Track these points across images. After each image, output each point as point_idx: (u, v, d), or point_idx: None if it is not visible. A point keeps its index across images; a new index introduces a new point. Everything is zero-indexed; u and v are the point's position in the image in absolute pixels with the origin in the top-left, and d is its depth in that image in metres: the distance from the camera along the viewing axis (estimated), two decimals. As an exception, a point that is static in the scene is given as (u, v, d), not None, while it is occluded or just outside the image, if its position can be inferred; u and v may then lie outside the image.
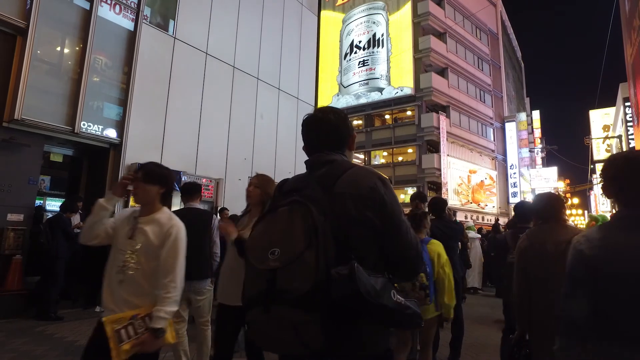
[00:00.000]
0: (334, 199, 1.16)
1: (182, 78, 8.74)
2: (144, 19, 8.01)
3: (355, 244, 1.13)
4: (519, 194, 29.75)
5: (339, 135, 1.33)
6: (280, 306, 1.05)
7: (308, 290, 1.02)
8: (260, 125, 10.75)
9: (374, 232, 1.16)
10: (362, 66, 27.19)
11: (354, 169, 1.24)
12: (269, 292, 1.07)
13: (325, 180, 1.20)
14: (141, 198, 2.11)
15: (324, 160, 1.28)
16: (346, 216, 1.14)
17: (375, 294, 1.04)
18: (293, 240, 1.08)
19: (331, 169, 1.24)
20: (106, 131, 7.22)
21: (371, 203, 1.17)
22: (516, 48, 45.52)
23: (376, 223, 1.17)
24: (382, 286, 1.08)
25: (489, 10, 31.41)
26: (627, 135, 25.00)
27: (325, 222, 1.10)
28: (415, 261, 1.24)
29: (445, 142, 23.55)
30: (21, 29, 6.17)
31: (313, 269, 1.04)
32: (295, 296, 1.03)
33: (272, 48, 11.47)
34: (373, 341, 1.18)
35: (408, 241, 1.22)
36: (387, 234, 1.19)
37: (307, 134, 1.37)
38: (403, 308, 1.11)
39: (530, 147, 38.28)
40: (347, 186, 1.18)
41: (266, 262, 1.09)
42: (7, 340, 4.48)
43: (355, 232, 1.14)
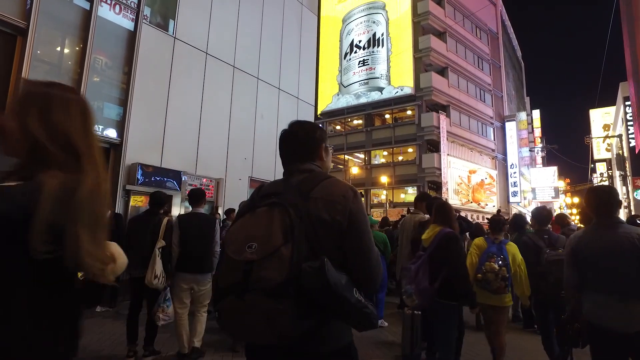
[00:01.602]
0: (309, 203, 1.29)
1: (182, 78, 8.75)
2: (144, 19, 8.01)
3: (325, 244, 1.25)
4: (519, 193, 29.76)
5: (308, 148, 1.49)
6: (254, 295, 1.14)
7: (282, 282, 1.13)
8: (261, 125, 10.75)
9: (341, 235, 1.28)
10: (362, 66, 27.19)
11: (330, 179, 1.38)
12: (244, 282, 1.16)
13: (303, 187, 1.34)
14: None
15: (301, 169, 1.43)
16: (319, 219, 1.26)
17: (341, 287, 1.16)
18: (271, 237, 1.20)
19: (310, 177, 1.38)
20: (106, 131, 7.22)
21: (341, 208, 1.29)
22: (516, 47, 45.50)
23: (344, 227, 1.28)
24: (346, 282, 1.20)
25: (489, 10, 31.40)
26: (627, 134, 24.99)
27: (301, 223, 1.23)
28: (374, 269, 1.34)
29: (445, 142, 23.56)
30: (21, 29, 6.17)
31: (287, 262, 1.15)
32: (270, 286, 1.13)
33: (272, 48, 11.47)
34: (338, 336, 1.29)
35: (369, 247, 1.33)
36: (351, 237, 1.30)
37: (281, 147, 1.52)
38: (362, 306, 1.22)
39: (531, 147, 38.29)
40: (322, 193, 1.31)
41: (243, 254, 1.20)
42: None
43: (326, 233, 1.26)
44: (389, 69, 25.82)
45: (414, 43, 24.92)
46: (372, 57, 26.76)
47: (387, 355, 4.41)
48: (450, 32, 26.42)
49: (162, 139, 8.21)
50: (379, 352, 4.51)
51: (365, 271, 1.31)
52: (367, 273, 1.32)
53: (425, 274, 3.11)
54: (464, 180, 25.52)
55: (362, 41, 27.47)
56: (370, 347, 4.70)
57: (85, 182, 0.97)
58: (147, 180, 7.60)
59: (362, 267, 1.30)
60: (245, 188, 9.87)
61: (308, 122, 1.59)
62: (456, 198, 24.27)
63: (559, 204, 41.88)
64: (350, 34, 28.32)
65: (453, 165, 24.47)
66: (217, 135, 9.50)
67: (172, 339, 4.31)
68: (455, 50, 26.75)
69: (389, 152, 26.33)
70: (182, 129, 8.64)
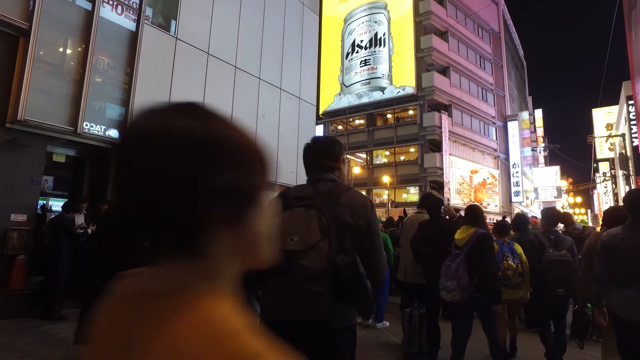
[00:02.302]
0: (337, 208, 1.58)
1: (183, 78, 8.75)
2: (146, 20, 8.02)
3: (348, 243, 1.54)
4: (522, 193, 29.69)
5: (329, 161, 1.78)
6: (297, 279, 1.45)
7: (321, 270, 1.44)
8: (262, 125, 10.75)
9: (361, 237, 1.58)
10: (363, 65, 27.17)
11: (351, 190, 1.70)
12: (288, 267, 1.46)
13: (331, 195, 1.63)
14: None
15: (326, 178, 1.72)
16: (345, 222, 1.56)
17: (365, 278, 1.51)
18: (311, 233, 1.49)
19: (335, 187, 1.68)
20: (108, 131, 7.24)
21: (363, 216, 1.60)
22: (518, 47, 45.37)
23: (364, 231, 1.60)
24: (366, 274, 1.53)
25: (490, 9, 31.32)
26: (630, 133, 24.89)
27: (332, 224, 1.52)
28: (382, 267, 1.69)
29: (447, 141, 23.52)
30: (24, 30, 6.18)
31: (325, 255, 1.45)
32: (311, 272, 1.44)
33: (274, 48, 11.47)
34: (350, 315, 1.61)
35: (380, 248, 1.68)
36: (368, 240, 1.62)
37: (304, 158, 1.82)
38: (370, 293, 1.57)
39: (533, 146, 38.18)
40: (347, 201, 1.61)
41: (287, 245, 1.48)
42: (11, 340, 4.50)
43: (349, 234, 1.55)
44: (390, 68, 25.79)
45: (416, 43, 24.88)
46: (374, 56, 26.73)
47: (389, 355, 4.41)
48: (452, 31, 26.37)
49: (164, 139, 8.22)
50: (381, 352, 4.51)
51: (375, 267, 1.62)
52: (377, 269, 1.64)
53: (465, 271, 3.40)
54: (466, 180, 25.47)
55: (364, 41, 27.44)
56: (372, 347, 4.69)
57: None
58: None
59: (373, 264, 1.61)
60: (247, 188, 9.86)
61: (329, 138, 1.99)
62: (458, 198, 24.22)
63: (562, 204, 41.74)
64: (351, 34, 28.30)
65: (455, 165, 24.42)
66: (218, 135, 9.50)
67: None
68: (457, 49, 26.69)
69: (391, 152, 26.31)
70: (184, 129, 8.65)
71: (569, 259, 3.67)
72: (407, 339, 4.28)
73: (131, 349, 0.45)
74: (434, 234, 4.24)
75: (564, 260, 3.64)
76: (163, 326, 0.43)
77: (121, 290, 0.54)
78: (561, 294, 3.62)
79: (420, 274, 4.49)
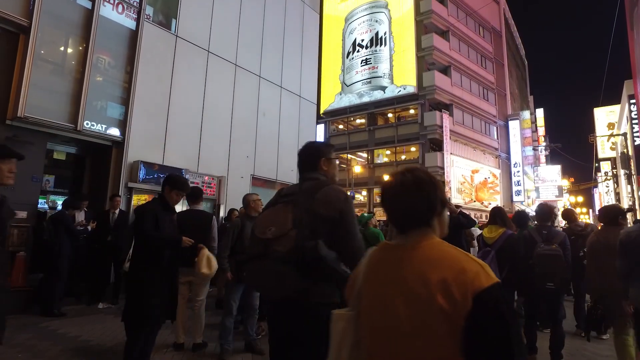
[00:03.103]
0: (314, 202, 1.83)
1: (184, 76, 8.76)
2: (146, 18, 8.03)
3: (321, 230, 1.77)
4: (523, 192, 29.64)
5: (310, 162, 2.07)
6: (269, 261, 1.73)
7: (289, 253, 1.69)
8: (263, 123, 10.75)
9: (333, 225, 1.81)
10: (364, 65, 27.15)
11: (330, 186, 1.93)
12: (264, 252, 1.74)
13: (311, 190, 1.89)
14: None
15: (310, 177, 2.01)
16: (319, 213, 1.80)
17: (330, 260, 1.71)
18: (284, 223, 1.76)
19: (315, 184, 1.94)
20: (108, 129, 7.25)
21: (335, 207, 1.84)
22: (519, 46, 45.30)
23: (336, 220, 1.82)
24: (335, 257, 1.74)
25: (492, 8, 31.26)
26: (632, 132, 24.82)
27: (306, 216, 1.78)
28: (357, 251, 1.84)
29: (448, 141, 23.49)
30: (24, 27, 6.20)
31: (293, 240, 1.71)
32: (281, 255, 1.70)
33: (274, 46, 11.47)
34: (328, 294, 1.80)
35: (353, 235, 1.87)
36: (340, 227, 1.83)
37: (297, 162, 2.13)
38: (348, 276, 1.69)
39: (534, 145, 38.08)
40: (322, 196, 1.86)
41: (265, 234, 1.77)
42: (12, 336, 4.50)
43: (322, 223, 1.79)
44: (391, 67, 25.76)
45: (417, 42, 24.85)
46: (375, 56, 26.71)
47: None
48: (453, 30, 26.33)
49: (164, 137, 8.23)
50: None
51: (349, 251, 1.82)
52: (351, 253, 1.82)
53: (496, 267, 3.70)
54: (467, 179, 25.44)
55: (365, 40, 27.42)
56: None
57: None
58: (149, 178, 7.63)
59: (347, 249, 1.82)
60: (247, 186, 9.88)
61: (316, 142, 2.24)
62: (459, 197, 24.19)
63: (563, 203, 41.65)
64: (352, 33, 28.28)
65: (456, 164, 24.39)
66: (219, 133, 9.51)
67: (172, 335, 4.36)
68: (458, 48, 26.65)
69: (392, 151, 26.28)
70: (184, 127, 8.66)
71: (558, 253, 3.73)
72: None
73: (399, 278, 1.06)
74: None
75: (554, 254, 3.72)
76: (422, 251, 1.07)
77: (381, 252, 1.20)
78: (551, 287, 3.68)
79: None
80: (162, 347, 4.14)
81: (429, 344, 0.97)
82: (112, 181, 7.35)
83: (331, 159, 2.10)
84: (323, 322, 1.72)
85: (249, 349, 4.15)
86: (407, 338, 1.00)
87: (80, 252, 6.17)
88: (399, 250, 1.12)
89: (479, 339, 0.93)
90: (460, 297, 0.94)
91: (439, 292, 0.96)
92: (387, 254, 1.17)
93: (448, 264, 1.00)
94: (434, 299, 0.96)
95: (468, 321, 0.93)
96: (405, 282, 1.04)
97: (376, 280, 1.13)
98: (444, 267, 1.00)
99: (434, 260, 1.03)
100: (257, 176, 10.37)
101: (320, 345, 1.76)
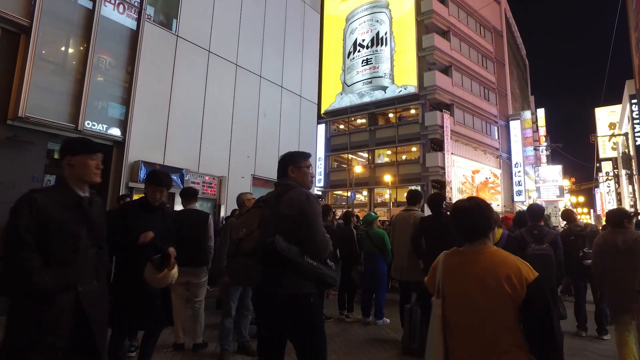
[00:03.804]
0: (279, 204, 2.11)
1: (184, 76, 8.76)
2: (147, 18, 8.03)
3: (286, 228, 2.05)
4: (524, 192, 29.60)
5: (281, 169, 2.39)
6: (240, 257, 2.05)
7: (252, 248, 2.01)
8: (263, 123, 10.75)
9: (295, 224, 2.06)
10: (365, 65, 27.14)
11: (295, 189, 2.19)
12: (235, 250, 2.07)
13: (278, 195, 2.19)
14: None
15: (281, 183, 2.31)
16: (282, 213, 2.08)
17: (288, 253, 1.97)
18: (252, 225, 2.09)
19: (284, 189, 2.21)
20: (109, 129, 7.25)
21: (297, 207, 2.08)
22: (520, 46, 45.24)
23: (298, 218, 2.06)
24: (296, 250, 2.01)
25: (492, 8, 31.22)
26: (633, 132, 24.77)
27: (272, 217, 2.09)
28: (319, 244, 2.09)
29: (449, 141, 23.46)
30: (25, 27, 6.20)
31: (257, 238, 2.03)
32: (247, 251, 2.02)
33: (275, 46, 11.46)
34: (296, 286, 2.05)
35: (315, 230, 2.08)
36: (302, 225, 2.07)
37: None
38: (314, 267, 2.06)
39: (535, 146, 38.02)
40: (287, 198, 2.12)
41: (238, 235, 2.10)
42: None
43: (285, 222, 2.07)
44: (392, 67, 25.74)
45: (418, 42, 24.83)
46: (376, 56, 26.69)
47: (389, 351, 4.39)
48: (454, 30, 26.30)
49: (165, 137, 8.24)
50: (381, 348, 4.50)
51: (312, 245, 2.07)
52: (314, 246, 2.07)
53: None
54: (468, 179, 25.41)
55: (366, 40, 27.41)
56: (372, 343, 4.68)
57: None
58: (149, 178, 7.63)
59: (310, 243, 2.07)
60: (248, 186, 9.87)
61: (291, 152, 2.44)
62: (460, 197, 24.15)
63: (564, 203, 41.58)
64: (353, 33, 28.27)
65: (457, 164, 24.36)
66: (219, 133, 9.51)
67: (172, 335, 4.35)
68: (459, 48, 26.62)
69: (393, 151, 26.26)
70: (185, 127, 8.66)
71: (548, 252, 3.82)
72: (407, 335, 4.27)
73: (473, 273, 1.60)
74: (435, 229, 4.23)
75: (543, 253, 3.81)
76: (484, 256, 1.61)
77: (454, 255, 1.72)
78: None
79: (416, 271, 4.49)
80: (162, 347, 4.14)
81: (497, 316, 1.53)
82: (112, 181, 7.36)
83: (300, 167, 2.34)
84: (301, 312, 2.07)
85: (242, 350, 4.10)
86: (481, 313, 1.55)
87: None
88: (469, 254, 1.67)
89: (531, 312, 1.51)
90: (519, 286, 1.51)
91: (505, 283, 1.51)
92: (459, 256, 1.71)
93: (509, 265, 1.57)
94: (502, 287, 1.52)
95: (524, 301, 1.50)
96: (478, 276, 1.59)
97: (454, 275, 1.68)
98: (507, 267, 1.56)
99: (499, 262, 1.59)
100: (257, 176, 10.37)
101: (305, 335, 2.09)
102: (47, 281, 1.74)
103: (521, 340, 1.52)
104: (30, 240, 1.75)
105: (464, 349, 1.60)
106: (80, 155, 1.97)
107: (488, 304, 1.53)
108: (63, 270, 1.82)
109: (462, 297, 1.61)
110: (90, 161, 1.99)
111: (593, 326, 5.20)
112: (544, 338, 1.49)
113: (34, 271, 1.71)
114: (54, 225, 1.83)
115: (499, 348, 1.51)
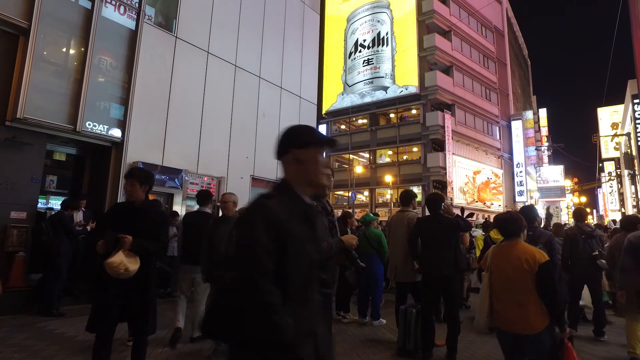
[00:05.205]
0: None
1: (183, 77, 8.78)
2: (147, 19, 8.05)
3: None
4: (526, 192, 29.51)
5: None
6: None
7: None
8: (263, 124, 10.76)
9: None
10: (366, 65, 27.13)
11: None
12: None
13: None
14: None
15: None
16: None
17: None
18: None
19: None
20: (108, 130, 7.27)
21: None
22: (522, 45, 45.10)
23: None
24: None
25: (494, 8, 31.15)
26: (635, 132, 24.66)
27: None
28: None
29: (450, 141, 23.42)
30: (24, 29, 6.23)
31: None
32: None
33: (274, 46, 11.47)
34: None
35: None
36: None
37: None
38: None
39: (537, 146, 37.92)
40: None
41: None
42: (10, 336, 4.54)
43: None
44: (393, 68, 25.73)
45: (419, 42, 24.80)
46: (377, 56, 26.68)
47: (384, 352, 4.39)
48: (455, 30, 26.25)
49: (164, 138, 8.26)
50: (376, 349, 4.49)
51: None
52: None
53: None
54: (469, 179, 25.35)
55: (367, 40, 27.40)
56: (367, 344, 4.68)
57: None
58: (148, 179, 7.65)
59: None
60: (247, 187, 9.89)
61: None
62: (462, 197, 24.11)
63: (566, 203, 41.42)
64: (354, 33, 28.27)
65: (458, 164, 24.32)
66: (218, 134, 9.52)
67: (168, 334, 4.37)
68: (460, 48, 26.57)
69: (394, 152, 26.24)
70: (184, 128, 8.68)
71: None
72: (402, 336, 4.27)
73: (507, 258, 2.66)
74: (432, 230, 4.21)
75: None
76: (515, 247, 2.66)
77: (499, 247, 2.80)
78: None
79: (411, 273, 4.47)
80: (158, 346, 4.16)
81: (522, 285, 2.51)
82: (111, 182, 7.38)
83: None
84: None
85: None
86: (512, 283, 2.56)
87: (79, 252, 6.21)
88: (506, 246, 2.70)
89: (541, 283, 2.47)
90: (533, 265, 2.49)
91: (524, 263, 2.51)
92: (502, 248, 2.74)
93: (529, 252, 2.55)
94: (522, 266, 2.51)
95: (537, 274, 2.47)
96: (512, 259, 2.59)
97: (498, 259, 2.70)
98: (527, 254, 2.55)
99: (523, 250, 2.59)
100: (256, 177, 10.38)
101: None
102: (291, 325, 1.21)
103: (537, 298, 2.47)
104: (270, 266, 1.24)
105: (502, 304, 2.61)
106: (311, 147, 1.43)
107: (516, 276, 2.53)
108: (301, 308, 1.30)
109: (501, 272, 2.63)
110: (320, 157, 1.46)
111: (592, 327, 5.20)
112: (549, 297, 2.46)
113: (277, 310, 1.19)
114: (294, 245, 1.29)
115: (523, 302, 2.50)
